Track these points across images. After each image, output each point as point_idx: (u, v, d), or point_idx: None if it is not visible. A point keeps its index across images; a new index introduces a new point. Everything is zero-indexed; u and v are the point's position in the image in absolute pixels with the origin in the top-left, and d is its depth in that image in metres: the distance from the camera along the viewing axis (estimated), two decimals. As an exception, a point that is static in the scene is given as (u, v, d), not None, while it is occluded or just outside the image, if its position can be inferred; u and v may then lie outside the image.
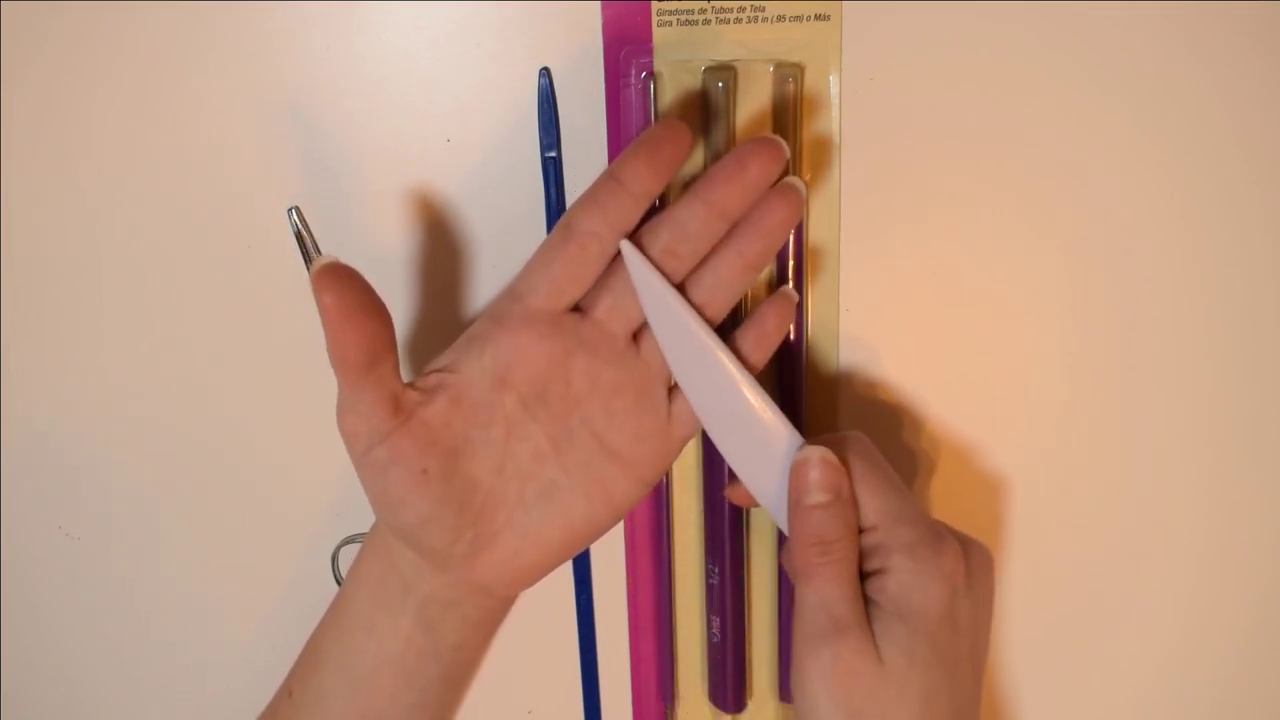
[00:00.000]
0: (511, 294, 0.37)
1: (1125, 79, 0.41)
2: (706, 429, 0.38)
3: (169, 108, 0.42)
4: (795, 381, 0.43)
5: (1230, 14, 0.41)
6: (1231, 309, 0.44)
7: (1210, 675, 0.48)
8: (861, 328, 0.44)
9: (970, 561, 0.37)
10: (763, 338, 0.39)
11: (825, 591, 0.36)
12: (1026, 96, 0.42)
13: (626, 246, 0.36)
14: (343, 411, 0.36)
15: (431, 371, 0.37)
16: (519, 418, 0.38)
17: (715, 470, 0.44)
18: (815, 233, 0.42)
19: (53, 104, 0.42)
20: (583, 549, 0.40)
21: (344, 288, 0.34)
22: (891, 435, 0.45)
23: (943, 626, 0.35)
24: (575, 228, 0.36)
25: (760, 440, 0.37)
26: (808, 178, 0.42)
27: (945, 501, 0.46)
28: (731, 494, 0.42)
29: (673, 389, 0.39)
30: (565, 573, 0.46)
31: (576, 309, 0.38)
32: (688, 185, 0.37)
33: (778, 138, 0.36)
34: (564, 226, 0.37)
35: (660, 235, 0.37)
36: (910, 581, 0.35)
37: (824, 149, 0.42)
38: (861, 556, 0.36)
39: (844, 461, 0.36)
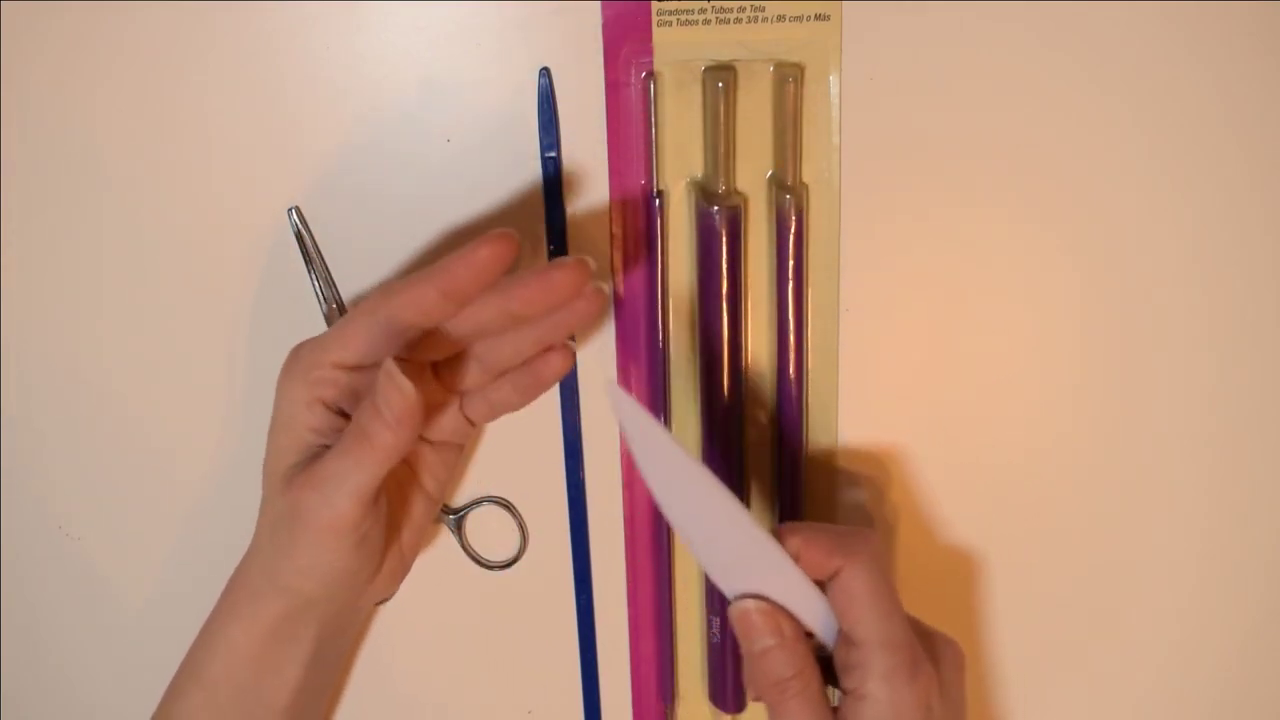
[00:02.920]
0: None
1: (1125, 79, 0.41)
2: (697, 558, 0.37)
3: (169, 108, 0.42)
4: (796, 382, 0.43)
5: (1230, 14, 0.41)
6: (1232, 309, 0.44)
7: (1207, 688, 0.48)
8: (861, 328, 0.44)
9: (943, 671, 0.37)
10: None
11: None
12: (1026, 96, 0.42)
13: (614, 388, 0.35)
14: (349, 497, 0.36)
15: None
16: None
17: (715, 471, 0.44)
18: (815, 233, 0.42)
19: (53, 104, 0.42)
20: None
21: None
22: (892, 435, 0.45)
23: None
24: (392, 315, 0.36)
25: (754, 559, 0.37)
26: (808, 178, 0.42)
27: (945, 500, 0.46)
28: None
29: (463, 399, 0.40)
30: (565, 573, 0.46)
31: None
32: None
33: (588, 262, 0.36)
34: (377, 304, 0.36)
35: (464, 329, 0.37)
36: (884, 713, 0.35)
37: (824, 149, 0.42)
38: (841, 670, 0.36)
39: (839, 571, 0.36)
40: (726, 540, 0.36)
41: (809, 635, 0.37)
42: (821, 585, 0.37)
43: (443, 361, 0.40)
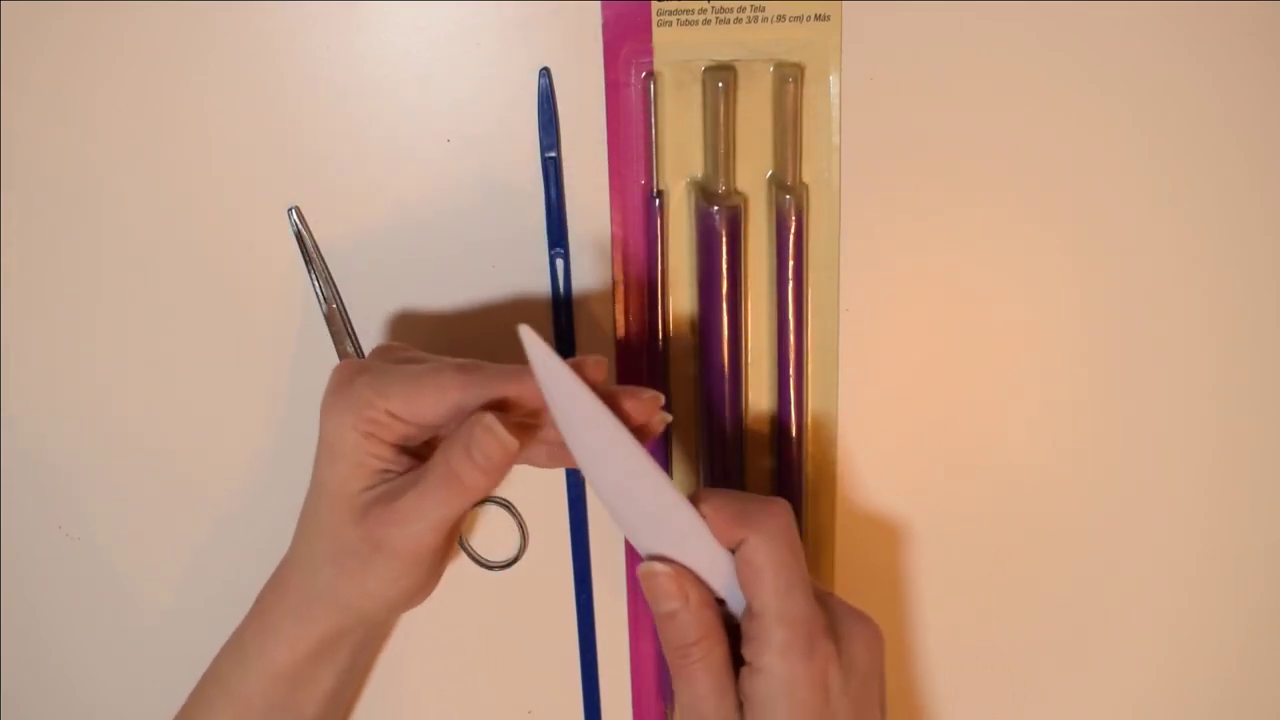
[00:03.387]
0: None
1: (1125, 79, 0.41)
2: (613, 515, 0.37)
3: (169, 108, 0.42)
4: (796, 381, 0.43)
5: (1230, 14, 0.41)
6: (1232, 309, 0.44)
7: (1204, 689, 0.48)
8: (861, 328, 0.44)
9: (852, 650, 0.36)
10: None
11: (693, 690, 0.36)
12: (1026, 96, 0.42)
13: (527, 333, 0.34)
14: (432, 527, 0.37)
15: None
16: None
17: (715, 470, 0.44)
18: (815, 233, 0.42)
19: (53, 104, 0.42)
20: None
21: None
22: (892, 434, 0.45)
23: None
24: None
25: (668, 521, 0.36)
26: (808, 178, 0.42)
27: (945, 500, 0.46)
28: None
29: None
30: (565, 572, 0.46)
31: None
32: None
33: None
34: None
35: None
36: (778, 688, 0.35)
37: (824, 149, 0.42)
38: (744, 640, 0.36)
39: (742, 542, 0.36)
40: (641, 500, 0.36)
41: (721, 603, 0.37)
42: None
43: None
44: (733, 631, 0.37)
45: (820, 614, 0.36)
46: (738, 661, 0.36)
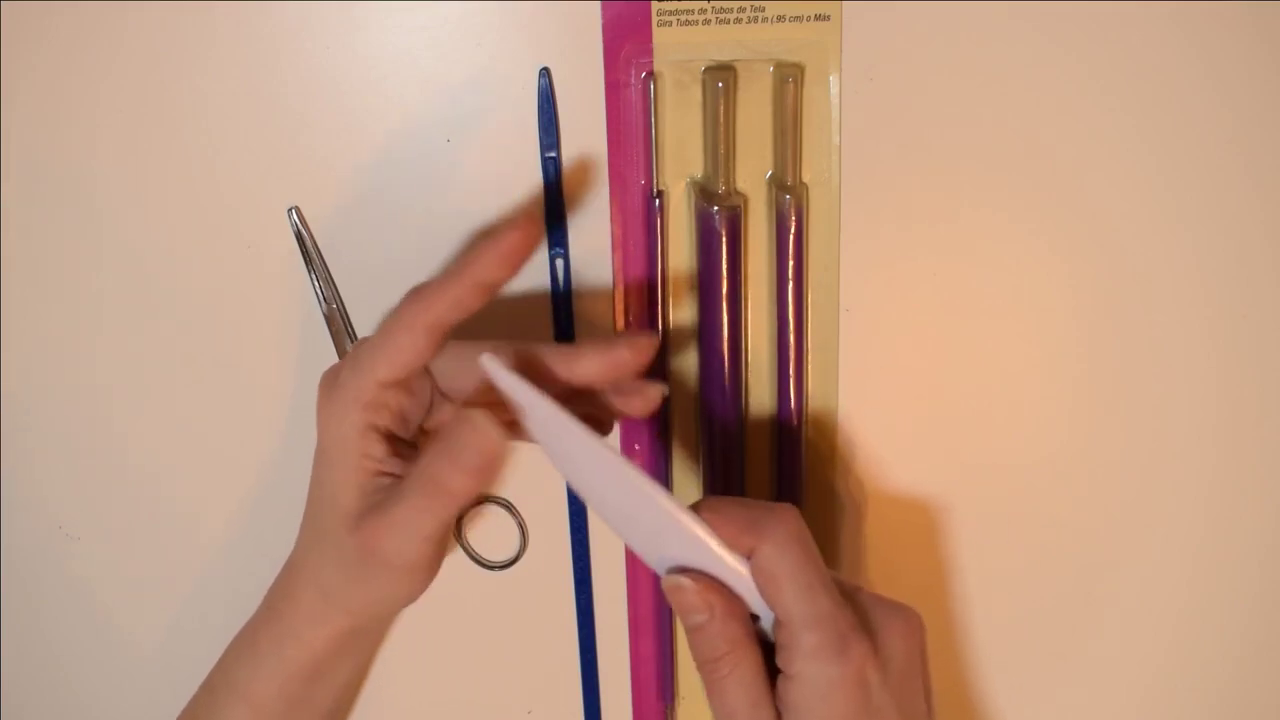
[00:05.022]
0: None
1: (1126, 78, 0.41)
2: (618, 534, 0.37)
3: (169, 108, 0.42)
4: (796, 381, 0.43)
5: (1230, 14, 0.41)
6: (1232, 308, 0.44)
7: (1202, 683, 0.48)
8: (861, 328, 0.44)
9: (890, 643, 0.35)
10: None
11: (726, 703, 0.35)
12: (1026, 96, 0.42)
13: (490, 362, 0.34)
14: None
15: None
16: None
17: (715, 470, 0.44)
18: (815, 233, 0.42)
19: (53, 104, 0.42)
20: None
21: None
22: (892, 434, 0.45)
23: None
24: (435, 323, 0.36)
25: (673, 536, 0.35)
26: (808, 178, 0.42)
27: (946, 499, 0.46)
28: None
29: None
30: (565, 572, 0.46)
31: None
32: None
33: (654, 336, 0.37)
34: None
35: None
36: (813, 693, 0.34)
37: (824, 149, 0.42)
38: (777, 650, 0.35)
39: (754, 550, 0.35)
40: (643, 518, 0.35)
41: (755, 619, 0.36)
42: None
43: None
44: (770, 647, 0.36)
45: (848, 611, 0.35)
46: (772, 673, 0.35)
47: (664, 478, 0.45)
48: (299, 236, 0.43)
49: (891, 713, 0.35)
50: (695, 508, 0.35)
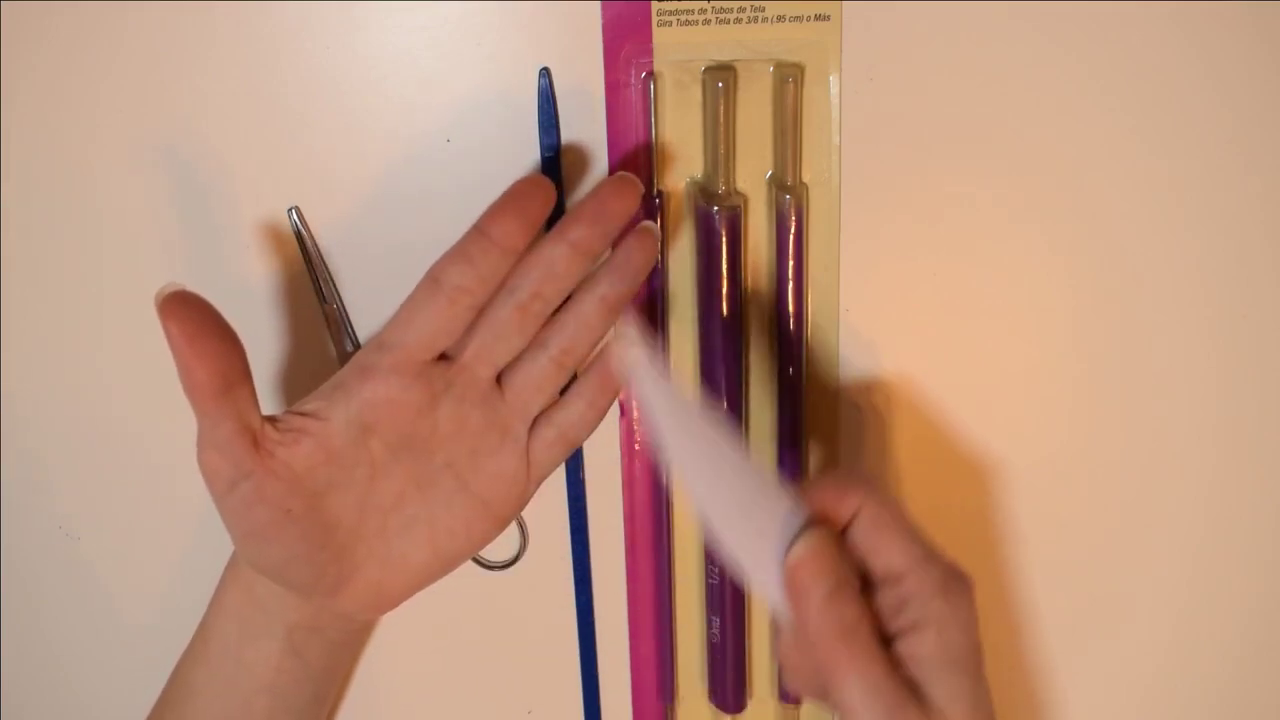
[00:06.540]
0: (380, 344, 0.38)
1: (1126, 78, 0.41)
2: (705, 518, 0.36)
3: (168, 107, 0.42)
4: (796, 382, 0.43)
5: (1230, 14, 0.41)
6: (1232, 308, 0.44)
7: (1207, 676, 0.48)
8: (861, 328, 0.44)
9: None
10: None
11: (867, 678, 0.32)
12: (1026, 96, 0.42)
13: (625, 331, 0.35)
14: (202, 447, 0.36)
15: (295, 413, 0.37)
16: (384, 461, 0.38)
17: (715, 470, 0.44)
18: (815, 233, 0.42)
19: (53, 104, 0.42)
20: (444, 575, 0.41)
21: (190, 313, 0.34)
22: (891, 435, 0.45)
23: (982, 663, 0.34)
24: (444, 282, 0.37)
25: (766, 520, 0.35)
26: (808, 178, 0.42)
27: (945, 499, 0.46)
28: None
29: (532, 428, 0.40)
30: (565, 572, 0.46)
31: (442, 355, 0.38)
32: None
33: (633, 176, 0.38)
34: (432, 280, 0.37)
35: (531, 276, 0.37)
36: (955, 628, 0.33)
37: (824, 149, 0.42)
38: (890, 615, 0.34)
39: (860, 509, 0.35)
40: (743, 502, 0.35)
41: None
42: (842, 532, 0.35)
43: (509, 368, 0.39)
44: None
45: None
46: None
47: (663, 478, 0.45)
48: (299, 236, 0.43)
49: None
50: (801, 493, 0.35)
